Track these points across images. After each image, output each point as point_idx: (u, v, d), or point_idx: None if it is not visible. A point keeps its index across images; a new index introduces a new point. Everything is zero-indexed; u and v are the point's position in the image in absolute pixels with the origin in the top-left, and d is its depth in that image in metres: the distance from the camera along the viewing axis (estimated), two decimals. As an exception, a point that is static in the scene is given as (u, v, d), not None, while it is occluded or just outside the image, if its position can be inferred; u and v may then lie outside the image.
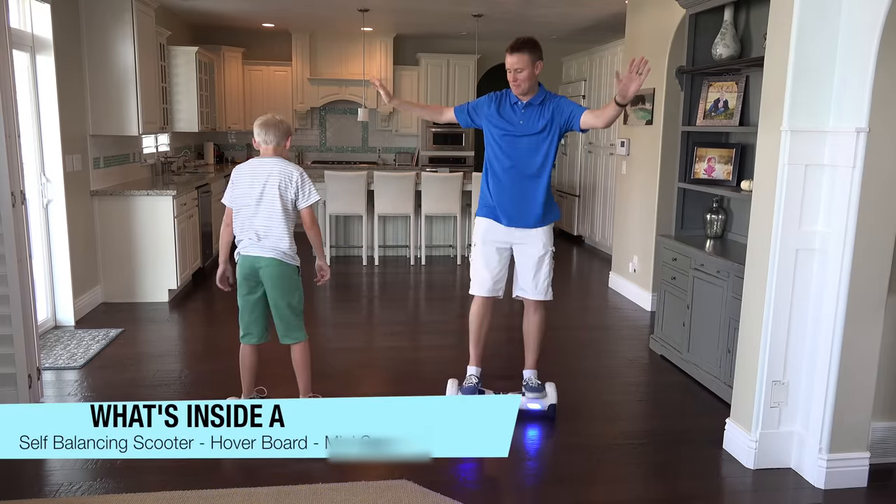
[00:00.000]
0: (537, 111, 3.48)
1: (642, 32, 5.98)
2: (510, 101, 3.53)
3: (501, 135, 3.51)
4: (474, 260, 3.66)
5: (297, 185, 3.29)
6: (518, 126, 3.48)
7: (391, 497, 2.82)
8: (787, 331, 3.06)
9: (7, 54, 3.39)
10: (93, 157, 5.61)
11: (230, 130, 9.58)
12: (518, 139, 3.48)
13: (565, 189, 9.42)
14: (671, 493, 3.01)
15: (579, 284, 7.17)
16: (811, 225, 2.98)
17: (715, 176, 4.35)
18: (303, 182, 3.30)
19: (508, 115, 3.51)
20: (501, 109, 3.53)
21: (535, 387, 3.66)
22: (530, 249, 3.58)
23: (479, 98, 3.65)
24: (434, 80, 9.68)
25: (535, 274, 3.59)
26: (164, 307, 5.62)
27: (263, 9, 7.82)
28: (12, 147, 3.36)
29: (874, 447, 3.11)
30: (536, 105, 3.48)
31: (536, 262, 3.58)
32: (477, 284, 3.63)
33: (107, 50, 5.58)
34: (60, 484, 2.91)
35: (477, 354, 3.73)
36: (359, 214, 7.44)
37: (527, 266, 3.60)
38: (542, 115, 3.48)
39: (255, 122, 3.34)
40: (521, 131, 3.48)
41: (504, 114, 3.52)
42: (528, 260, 3.59)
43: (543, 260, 3.59)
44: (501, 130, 3.50)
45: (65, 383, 4.01)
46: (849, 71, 2.82)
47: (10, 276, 3.40)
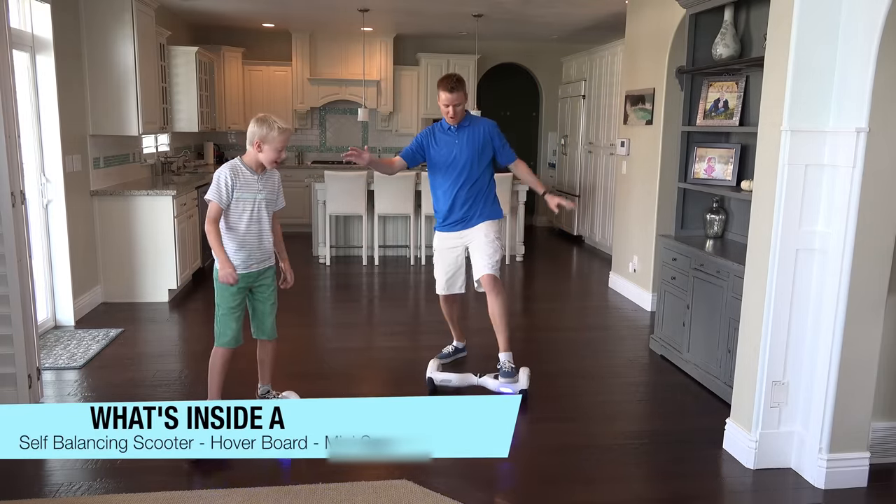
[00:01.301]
0: (468, 131, 4.03)
1: (642, 32, 5.98)
2: (443, 129, 4.08)
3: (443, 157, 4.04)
4: (435, 266, 4.25)
5: None
6: (455, 146, 4.02)
7: (391, 497, 2.82)
8: (787, 331, 3.06)
9: (7, 54, 3.39)
10: (93, 157, 5.60)
11: (230, 130, 9.58)
12: (457, 158, 4.01)
13: (565, 189, 9.42)
14: (671, 493, 3.01)
15: (579, 284, 7.17)
16: (811, 225, 2.98)
17: (715, 176, 4.35)
18: None
19: (447, 141, 4.05)
20: (437, 139, 4.07)
21: (509, 371, 3.87)
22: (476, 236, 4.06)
23: (416, 139, 4.16)
24: (434, 80, 9.65)
25: (481, 253, 3.99)
26: (164, 307, 5.62)
27: (263, 9, 7.82)
28: (12, 147, 3.36)
29: (874, 447, 3.11)
30: (466, 127, 4.04)
31: (483, 244, 4.00)
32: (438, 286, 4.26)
33: (107, 50, 5.58)
34: (60, 484, 2.91)
35: (456, 333, 4.48)
36: (359, 214, 7.44)
37: (476, 250, 4.03)
38: (474, 134, 4.03)
39: None
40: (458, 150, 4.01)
41: (441, 141, 4.07)
42: (476, 244, 4.04)
43: (490, 243, 4.01)
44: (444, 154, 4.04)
45: (65, 383, 4.01)
46: (849, 71, 2.82)
47: (10, 276, 3.40)
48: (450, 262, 4.17)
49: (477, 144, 4.03)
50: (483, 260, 3.99)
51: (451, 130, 4.06)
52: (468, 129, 4.05)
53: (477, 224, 4.08)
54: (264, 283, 3.38)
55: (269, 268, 3.38)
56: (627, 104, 6.24)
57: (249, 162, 3.21)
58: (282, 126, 3.15)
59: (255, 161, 3.21)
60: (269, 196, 3.29)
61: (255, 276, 3.33)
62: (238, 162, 3.23)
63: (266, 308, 3.41)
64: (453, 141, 4.05)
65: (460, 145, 4.03)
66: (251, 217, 3.23)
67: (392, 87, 9.68)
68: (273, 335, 3.46)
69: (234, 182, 3.17)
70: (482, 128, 4.07)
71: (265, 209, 3.27)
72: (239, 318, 3.31)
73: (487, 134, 4.06)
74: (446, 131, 4.08)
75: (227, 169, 3.18)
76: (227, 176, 3.16)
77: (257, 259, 3.31)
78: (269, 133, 3.11)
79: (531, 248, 8.54)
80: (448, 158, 4.05)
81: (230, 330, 3.30)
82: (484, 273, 3.97)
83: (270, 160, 3.18)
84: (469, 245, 4.11)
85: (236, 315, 3.30)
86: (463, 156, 4.02)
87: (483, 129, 4.06)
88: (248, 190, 3.21)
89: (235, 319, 3.30)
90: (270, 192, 3.30)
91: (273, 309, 3.42)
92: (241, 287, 3.28)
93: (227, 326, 3.29)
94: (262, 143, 3.13)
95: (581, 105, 8.88)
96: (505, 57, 10.11)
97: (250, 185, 3.21)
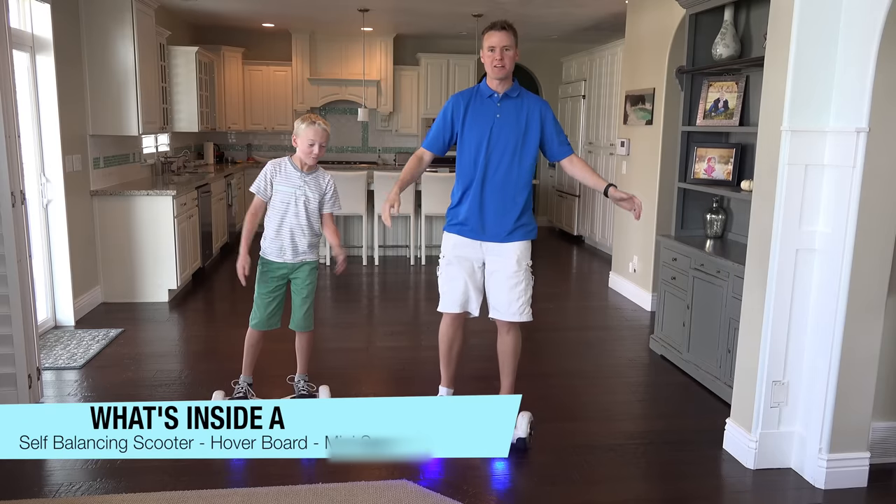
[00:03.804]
0: (515, 104, 3.16)
1: (642, 32, 5.98)
2: (482, 95, 3.18)
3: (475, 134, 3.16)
4: (441, 276, 3.34)
5: None
6: (495, 120, 3.14)
7: (391, 497, 2.82)
8: (787, 331, 3.06)
9: (7, 54, 3.39)
10: (93, 157, 5.60)
11: (230, 130, 9.58)
12: (495, 136, 3.14)
13: (565, 189, 9.43)
14: (671, 493, 3.01)
15: (579, 284, 7.17)
16: (811, 225, 2.98)
17: (715, 176, 4.35)
18: None
19: (484, 111, 3.16)
20: (471, 108, 3.17)
21: None
22: (505, 263, 3.23)
23: (439, 115, 3.27)
24: (434, 80, 9.68)
25: (509, 288, 3.22)
26: (164, 307, 5.62)
27: (263, 9, 7.82)
28: (12, 147, 3.36)
29: (874, 447, 3.11)
30: (514, 98, 3.17)
31: (511, 276, 3.22)
32: (446, 302, 3.32)
33: (107, 50, 5.58)
34: (60, 484, 2.91)
35: (449, 374, 3.46)
36: (359, 214, 7.44)
37: (502, 282, 3.24)
38: (521, 109, 3.15)
39: None
40: (497, 126, 3.14)
41: (475, 111, 3.17)
42: (502, 274, 3.24)
43: (523, 275, 3.24)
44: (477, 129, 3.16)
45: (65, 383, 4.01)
46: (849, 71, 2.82)
47: (10, 277, 3.40)
48: (467, 273, 3.28)
49: (522, 124, 3.14)
50: (510, 301, 3.21)
51: (495, 97, 3.14)
52: (515, 102, 3.16)
53: (507, 241, 3.22)
54: (299, 276, 3.52)
55: (305, 263, 3.52)
56: (627, 104, 6.24)
57: (296, 159, 3.45)
58: (313, 120, 3.38)
59: (300, 158, 3.43)
60: (312, 194, 3.45)
61: (291, 267, 3.49)
62: (286, 158, 3.49)
63: (298, 301, 3.54)
64: (493, 112, 3.13)
65: (502, 120, 3.12)
66: (289, 210, 3.42)
67: (392, 87, 9.68)
68: (304, 328, 3.59)
69: (274, 174, 3.43)
70: (534, 105, 3.17)
71: (307, 207, 3.44)
72: (269, 303, 3.50)
73: (539, 114, 3.17)
74: (486, 98, 3.17)
75: (271, 163, 3.46)
76: (269, 169, 3.44)
77: (292, 251, 3.47)
78: (298, 126, 3.38)
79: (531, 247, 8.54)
80: (481, 136, 3.13)
81: (259, 313, 3.51)
82: (510, 321, 3.26)
83: (305, 152, 3.38)
84: (490, 267, 3.27)
85: (267, 301, 3.49)
86: (503, 135, 3.12)
87: (534, 108, 3.17)
88: (288, 184, 3.42)
89: (266, 305, 3.49)
90: (316, 191, 3.47)
91: (305, 302, 3.54)
92: (274, 276, 3.49)
93: (257, 309, 3.51)
94: (296, 138, 3.40)
95: (581, 105, 8.88)
96: (505, 57, 10.10)
97: (292, 180, 3.42)
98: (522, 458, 3.24)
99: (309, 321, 3.58)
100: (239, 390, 3.56)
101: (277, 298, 3.52)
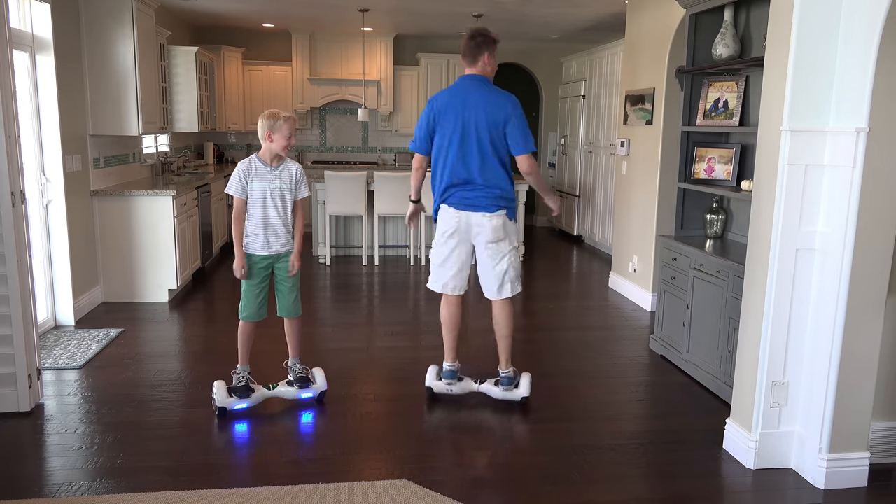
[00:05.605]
0: None
1: (642, 32, 5.98)
2: None
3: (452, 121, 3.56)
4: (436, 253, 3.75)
5: None
6: None
7: (391, 497, 2.82)
8: (787, 331, 3.06)
9: (7, 54, 3.39)
10: (93, 157, 5.61)
11: (230, 130, 9.59)
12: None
13: (565, 189, 9.43)
14: (671, 493, 3.00)
15: (579, 284, 7.16)
16: (811, 225, 2.98)
17: (715, 176, 4.35)
18: None
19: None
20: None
21: (510, 376, 3.79)
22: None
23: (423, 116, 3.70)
24: (434, 80, 9.68)
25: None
26: (164, 307, 5.62)
27: (263, 9, 7.82)
28: (12, 147, 3.37)
29: (874, 447, 3.11)
30: None
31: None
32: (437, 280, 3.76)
33: (107, 50, 5.58)
34: (60, 484, 2.91)
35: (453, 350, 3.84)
36: (359, 214, 7.44)
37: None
38: None
39: None
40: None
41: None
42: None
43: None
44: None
45: (65, 383, 4.01)
46: (848, 71, 2.82)
47: (10, 276, 3.41)
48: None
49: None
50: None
51: None
52: None
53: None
54: (283, 265, 3.67)
55: (289, 251, 3.67)
56: (627, 104, 6.24)
57: (264, 156, 3.59)
58: (286, 115, 3.55)
59: (269, 154, 3.58)
60: (284, 186, 3.61)
61: (276, 257, 3.65)
62: (254, 157, 3.61)
63: (285, 288, 3.70)
64: None
65: None
66: (268, 204, 3.58)
67: (392, 87, 9.68)
68: (293, 313, 3.76)
69: (247, 174, 3.57)
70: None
71: (281, 198, 3.60)
72: (257, 295, 3.65)
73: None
74: None
75: (241, 164, 3.59)
76: (240, 169, 3.57)
77: (276, 243, 3.62)
78: (275, 123, 3.51)
79: (531, 248, 8.54)
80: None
81: (249, 305, 3.66)
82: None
83: (283, 146, 3.54)
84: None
85: (255, 293, 3.64)
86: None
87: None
88: (262, 181, 3.58)
89: (254, 297, 3.65)
90: (286, 182, 3.62)
91: (292, 290, 3.71)
92: (262, 267, 3.63)
93: (247, 302, 3.65)
94: (272, 133, 3.51)
95: (581, 105, 8.88)
96: (505, 57, 10.10)
97: (264, 176, 3.58)
98: (522, 458, 3.24)
99: (298, 307, 3.77)
100: (240, 379, 3.65)
101: (265, 290, 3.68)
